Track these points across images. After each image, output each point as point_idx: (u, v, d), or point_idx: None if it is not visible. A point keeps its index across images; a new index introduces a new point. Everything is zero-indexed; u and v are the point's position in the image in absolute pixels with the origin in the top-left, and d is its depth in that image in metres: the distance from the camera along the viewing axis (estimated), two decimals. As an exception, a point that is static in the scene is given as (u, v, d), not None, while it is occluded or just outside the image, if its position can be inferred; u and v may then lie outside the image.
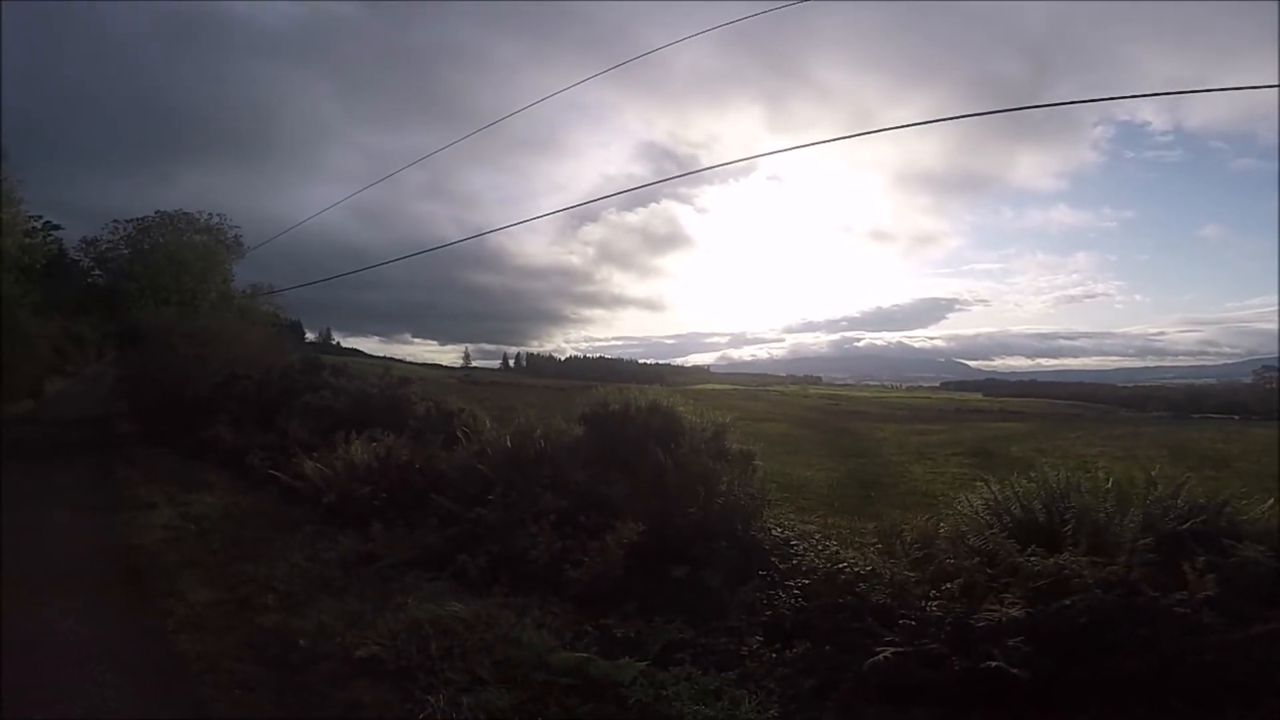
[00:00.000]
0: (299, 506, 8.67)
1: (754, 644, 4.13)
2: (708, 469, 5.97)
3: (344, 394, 13.96)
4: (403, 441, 9.47)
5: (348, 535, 7.06)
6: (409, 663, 4.14)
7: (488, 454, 7.48)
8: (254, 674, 4.19)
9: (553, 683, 3.87)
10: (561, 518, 6.20)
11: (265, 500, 9.49)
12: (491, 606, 4.91)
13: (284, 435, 12.35)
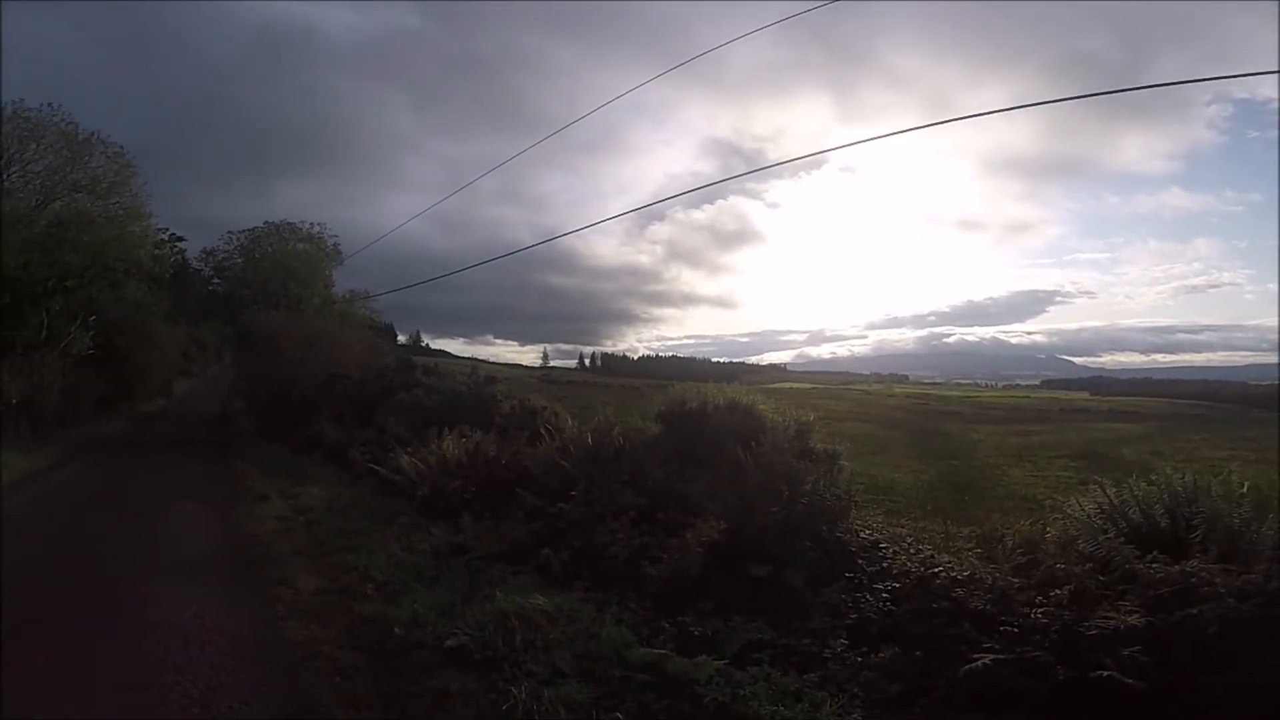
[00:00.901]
0: (396, 499, 9.16)
1: (838, 647, 4.01)
2: (791, 468, 5.83)
3: (435, 392, 14.62)
4: (490, 438, 9.83)
5: (440, 527, 7.36)
6: (494, 653, 4.24)
7: (570, 451, 7.63)
8: (353, 662, 4.39)
9: (630, 678, 3.88)
10: (640, 515, 6.24)
11: (365, 493, 10.10)
12: (573, 600, 5.00)
13: (382, 431, 13.10)
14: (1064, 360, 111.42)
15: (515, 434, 10.11)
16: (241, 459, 14.99)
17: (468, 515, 7.37)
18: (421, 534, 7.29)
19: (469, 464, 8.84)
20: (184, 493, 10.64)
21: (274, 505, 9.34)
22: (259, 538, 7.71)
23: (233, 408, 29.16)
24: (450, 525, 7.32)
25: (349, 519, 8.41)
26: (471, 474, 8.52)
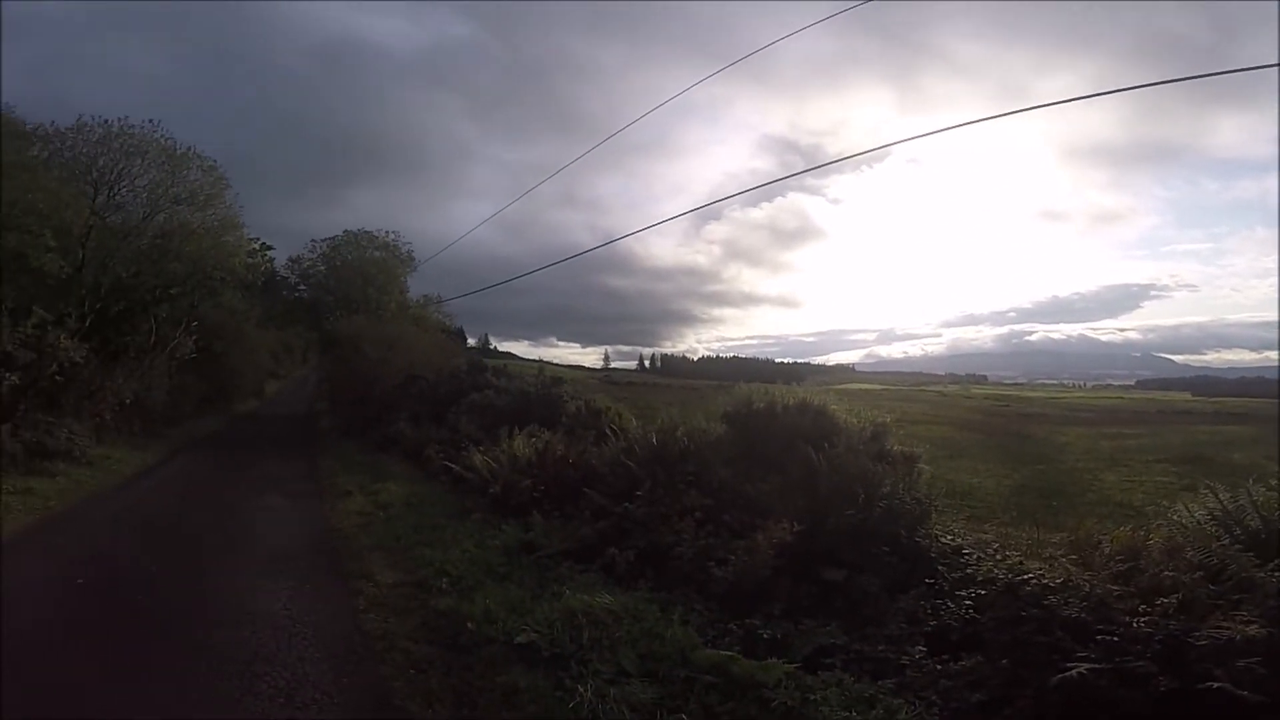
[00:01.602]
0: (469, 496, 9.40)
1: (916, 654, 3.91)
2: (867, 471, 5.64)
3: (505, 393, 14.98)
4: (558, 438, 9.99)
5: (510, 524, 7.54)
6: (561, 651, 4.31)
7: (635, 451, 7.66)
8: (427, 655, 4.52)
9: (694, 679, 3.85)
10: (706, 515, 6.20)
11: (440, 490, 10.43)
12: (638, 600, 5.01)
13: (455, 430, 13.53)
14: (1162, 359, 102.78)
15: (581, 434, 10.23)
16: (326, 456, 15.85)
17: (537, 513, 7.51)
18: (493, 531, 7.47)
19: (538, 463, 9.00)
20: (275, 488, 11.27)
21: (356, 501, 9.75)
22: (342, 531, 8.05)
23: (318, 407, 30.90)
24: (520, 523, 7.48)
25: (425, 515, 8.69)
26: (540, 473, 8.67)
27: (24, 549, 6.73)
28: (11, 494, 8.70)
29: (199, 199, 17.04)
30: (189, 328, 18.70)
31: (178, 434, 18.14)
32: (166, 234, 16.54)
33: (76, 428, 12.18)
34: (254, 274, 21.33)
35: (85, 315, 13.98)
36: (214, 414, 23.35)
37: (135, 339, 16.29)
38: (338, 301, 28.64)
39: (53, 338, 11.66)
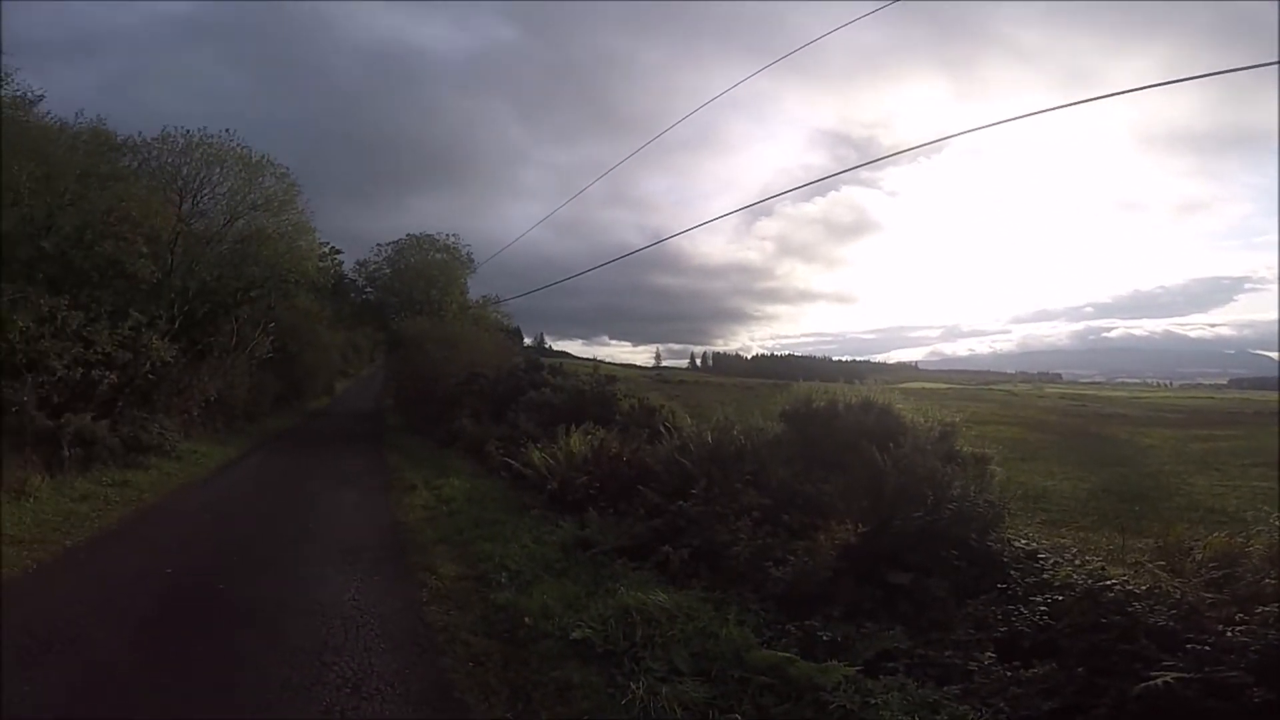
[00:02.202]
0: (527, 492, 9.59)
1: (985, 660, 3.77)
2: (935, 472, 5.43)
3: (561, 391, 15.19)
4: (612, 435, 10.06)
5: (567, 521, 7.62)
6: (615, 648, 4.32)
7: (689, 449, 7.62)
8: (486, 648, 4.61)
9: (749, 680, 3.79)
10: (764, 515, 6.11)
11: (500, 485, 10.67)
12: (691, 599, 4.97)
13: (514, 427, 13.81)
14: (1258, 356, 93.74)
15: (635, 432, 10.27)
16: (393, 451, 16.44)
17: (593, 510, 7.57)
18: (550, 527, 7.57)
19: (593, 460, 9.09)
20: (345, 482, 11.79)
21: (420, 495, 10.08)
22: (408, 525, 8.32)
23: (384, 404, 32.18)
24: (576, 519, 7.56)
25: (486, 509, 8.89)
26: (596, 470, 8.75)
27: (122, 539, 7.27)
28: (110, 486, 9.43)
29: (274, 205, 17.85)
30: (266, 329, 19.74)
31: (257, 429, 19.23)
32: (245, 239, 17.40)
33: (167, 423, 13.06)
34: (325, 277, 22.27)
35: (174, 317, 14.88)
36: (289, 411, 24.64)
37: (218, 339, 17.26)
38: (402, 303, 29.71)
39: (146, 339, 12.53)
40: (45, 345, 10.32)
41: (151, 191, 14.68)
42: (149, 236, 13.28)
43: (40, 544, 6.58)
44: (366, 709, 3.71)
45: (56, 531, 7.10)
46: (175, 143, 16.16)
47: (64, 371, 10.68)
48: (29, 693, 3.66)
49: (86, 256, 12.15)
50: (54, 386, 10.68)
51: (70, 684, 3.82)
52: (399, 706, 3.78)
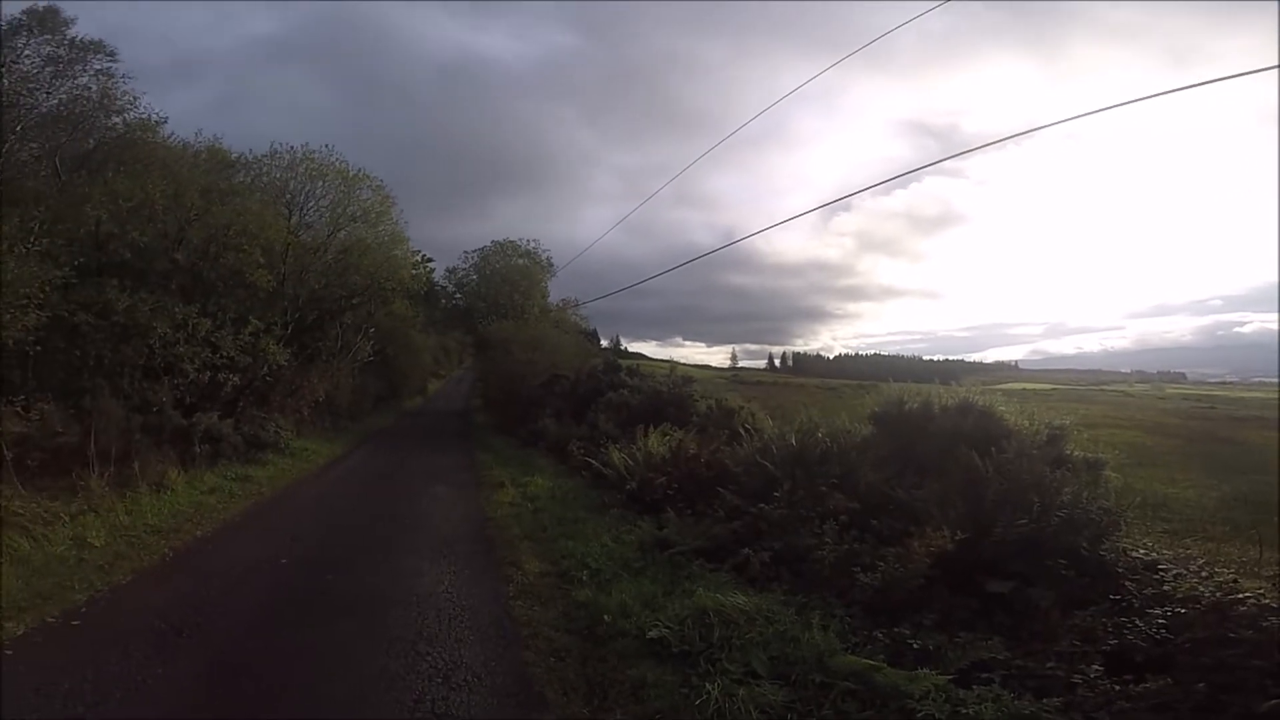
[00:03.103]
0: (607, 491, 9.69)
1: (1091, 673, 3.57)
2: (1042, 477, 5.11)
3: (639, 392, 15.31)
4: (690, 436, 10.01)
5: (645, 520, 7.65)
6: (691, 648, 4.29)
7: (771, 451, 7.46)
8: (566, 644, 4.70)
9: (831, 685, 3.69)
10: (852, 520, 5.92)
11: (580, 484, 10.87)
12: (772, 602, 4.88)
13: (594, 427, 14.05)
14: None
15: (714, 433, 10.17)
16: (481, 449, 17.12)
17: (671, 510, 7.56)
18: (629, 526, 7.63)
19: (672, 461, 9.08)
20: (439, 478, 12.35)
21: (508, 492, 10.43)
22: (496, 521, 8.62)
23: (472, 404, 33.61)
24: (654, 519, 7.57)
25: (568, 508, 9.09)
26: (674, 471, 8.74)
27: (243, 531, 7.88)
28: (234, 480, 10.33)
29: (371, 216, 18.99)
30: (367, 334, 21.06)
31: (359, 428, 20.51)
32: (347, 249, 18.59)
33: (282, 422, 14.18)
34: (418, 284, 23.49)
35: (287, 324, 16.11)
36: (387, 410, 26.15)
37: (325, 344, 18.59)
38: (488, 307, 30.95)
39: (264, 344, 13.68)
40: (180, 350, 11.47)
41: (264, 205, 15.75)
42: (265, 248, 14.43)
43: (176, 533, 7.28)
44: (455, 699, 3.84)
45: (189, 522, 7.82)
46: (282, 159, 17.27)
47: (195, 374, 11.83)
48: (162, 675, 3.97)
49: (212, 267, 13.36)
50: (186, 388, 11.85)
51: (196, 670, 4.12)
52: (484, 697, 3.89)
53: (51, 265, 8.57)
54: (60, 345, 9.62)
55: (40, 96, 11.95)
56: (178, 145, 15.24)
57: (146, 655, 4.23)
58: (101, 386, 9.98)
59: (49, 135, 12.52)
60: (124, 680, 3.87)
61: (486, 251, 32.27)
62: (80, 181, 11.71)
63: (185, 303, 12.06)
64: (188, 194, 13.02)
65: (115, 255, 11.58)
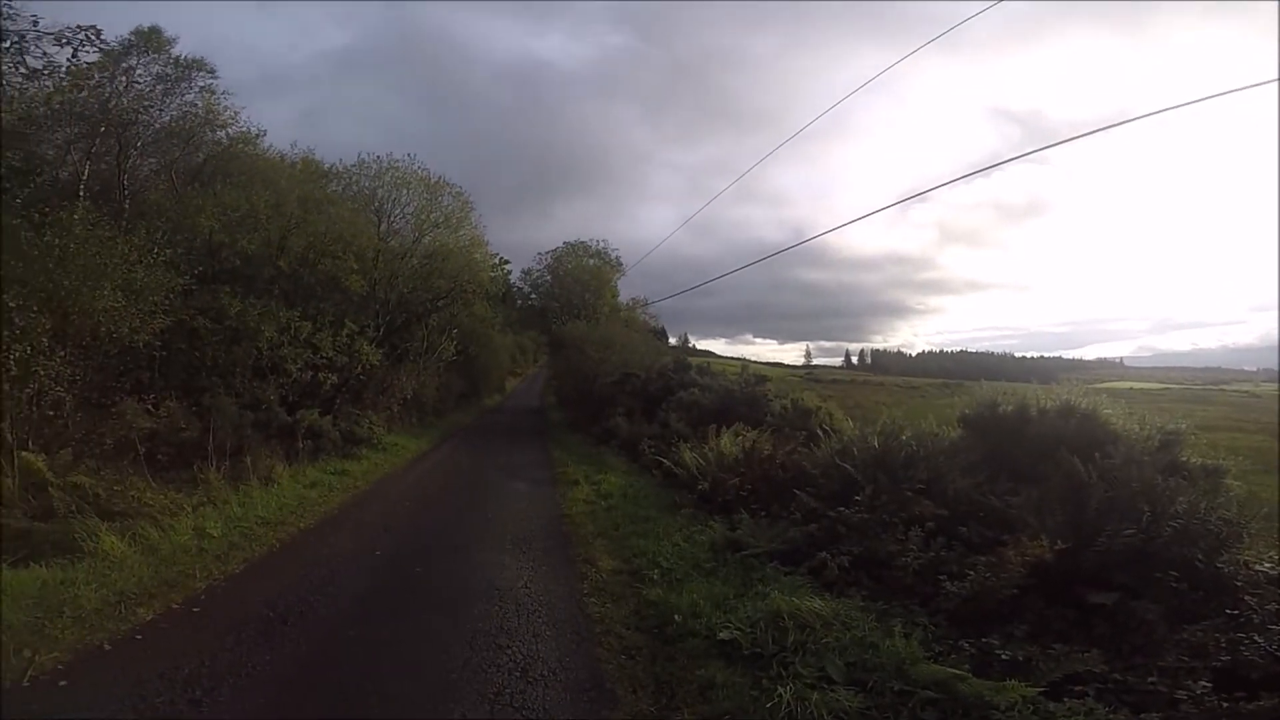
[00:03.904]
0: (678, 491, 9.71)
1: (1198, 689, 3.43)
2: (1153, 485, 4.75)
3: (710, 391, 15.21)
4: (765, 437, 9.86)
5: (717, 521, 7.62)
6: (763, 651, 4.26)
7: (852, 453, 7.23)
8: (636, 642, 4.76)
9: (910, 694, 3.61)
10: (939, 527, 5.71)
11: (652, 483, 10.94)
12: (850, 608, 4.78)
13: (665, 426, 14.08)
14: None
15: (789, 434, 9.97)
16: (556, 446, 17.47)
17: (744, 512, 7.48)
18: (700, 526, 7.62)
19: (745, 462, 8.97)
20: (518, 474, 12.75)
21: (582, 489, 10.62)
22: (571, 518, 8.79)
23: (547, 402, 34.47)
24: (727, 520, 7.53)
25: (639, 506, 9.16)
26: (747, 471, 8.63)
27: (341, 523, 8.35)
28: (333, 474, 10.98)
29: (452, 222, 19.69)
30: (451, 334, 21.96)
31: (443, 424, 21.42)
32: (431, 254, 19.39)
33: (374, 418, 15.02)
34: (496, 285, 24.27)
35: (379, 326, 17.03)
36: (469, 407, 27.19)
37: (412, 344, 19.49)
38: (562, 307, 31.63)
39: (358, 345, 14.55)
40: (284, 351, 12.38)
41: (355, 213, 16.64)
42: (357, 255, 15.34)
43: (282, 525, 7.82)
44: (531, 693, 3.96)
45: (294, 515, 8.37)
46: (369, 168, 18.03)
47: (298, 373, 12.73)
48: (269, 661, 4.27)
49: (311, 273, 14.33)
50: (290, 386, 12.77)
51: (298, 656, 4.40)
52: (558, 692, 4.00)
53: (174, 273, 9.41)
54: (181, 347, 10.58)
55: (154, 114, 13.12)
56: (275, 157, 16.30)
57: (256, 642, 4.55)
58: (217, 385, 10.91)
59: (164, 150, 13.75)
60: (236, 667, 4.17)
61: (559, 252, 33.04)
62: (194, 194, 12.79)
63: (288, 307, 12.99)
64: (287, 204, 13.95)
65: (226, 263, 12.62)
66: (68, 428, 7.69)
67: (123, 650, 4.39)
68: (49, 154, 11.79)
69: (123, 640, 4.54)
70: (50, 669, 4.03)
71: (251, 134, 15.37)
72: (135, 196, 12.55)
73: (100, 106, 11.75)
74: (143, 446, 8.23)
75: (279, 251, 13.69)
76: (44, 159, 11.49)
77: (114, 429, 8.26)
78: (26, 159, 10.35)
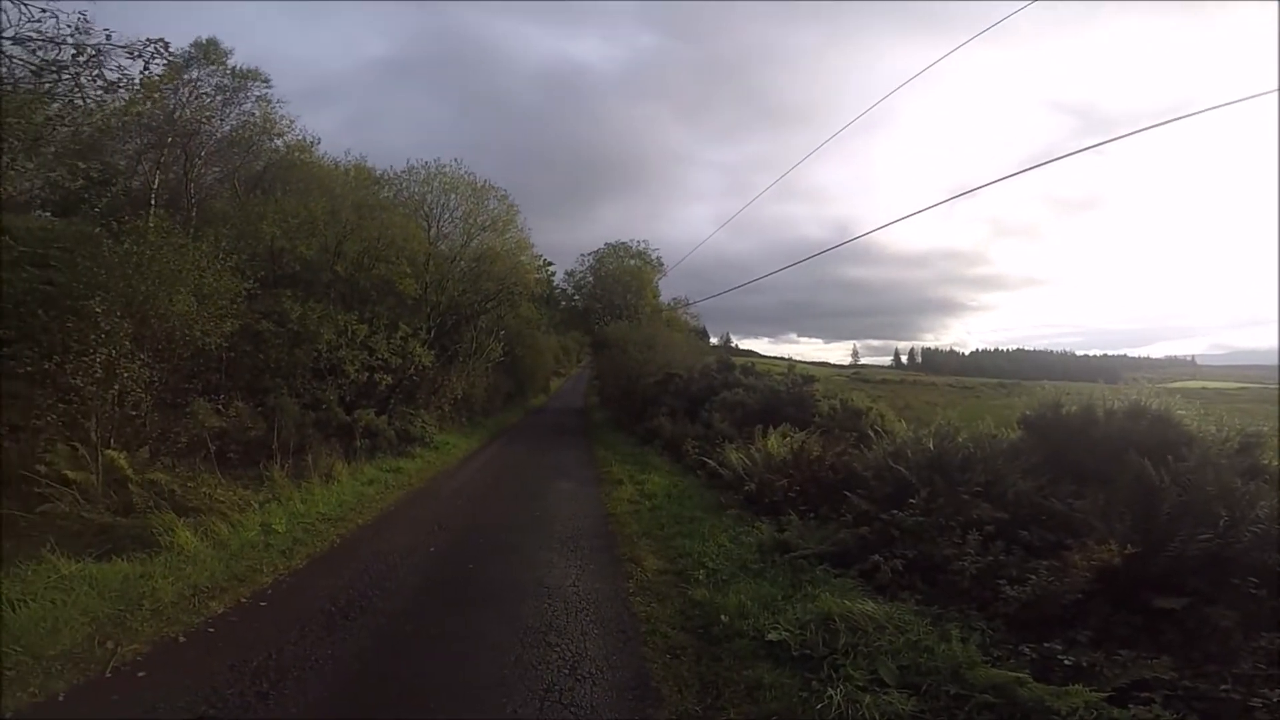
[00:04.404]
0: (724, 491, 9.68)
1: (1275, 697, 3.37)
2: (1231, 489, 4.53)
3: (755, 391, 15.08)
4: (814, 438, 9.72)
5: (764, 522, 7.57)
6: (813, 652, 4.23)
7: (906, 455, 7.06)
8: (682, 642, 4.77)
9: (967, 698, 3.56)
10: (998, 530, 5.58)
11: (696, 483, 10.93)
12: (904, 611, 4.70)
13: (708, 427, 14.03)
14: None
15: (839, 435, 9.81)
16: (600, 446, 17.63)
17: (793, 513, 7.41)
18: (747, 527, 7.58)
19: (793, 463, 8.87)
20: (564, 473, 12.91)
21: (626, 489, 10.70)
22: (616, 517, 8.85)
23: (590, 402, 34.78)
24: (774, 521, 7.47)
25: (684, 506, 9.16)
26: (796, 473, 8.53)
27: (397, 519, 8.61)
28: (389, 472, 11.35)
29: (498, 225, 20.08)
30: (498, 335, 22.39)
31: (492, 423, 21.84)
32: (479, 257, 19.81)
33: (427, 418, 15.43)
34: (541, 287, 24.62)
35: (430, 328, 17.48)
36: (515, 407, 27.68)
37: (462, 346, 19.95)
38: (604, 308, 31.88)
39: (411, 346, 14.99)
40: (342, 353, 12.86)
41: (406, 218, 17.07)
42: (409, 259, 15.79)
43: (342, 521, 8.13)
44: (579, 690, 4.04)
45: (353, 511, 8.68)
46: (418, 174, 18.53)
47: (355, 374, 13.21)
48: (329, 656, 4.44)
49: (366, 277, 14.83)
50: (348, 387, 13.25)
51: (358, 649, 4.57)
52: (605, 690, 4.06)
53: (240, 278, 9.89)
54: (247, 349, 11.09)
55: (216, 123, 13.80)
56: (330, 164, 16.93)
57: (319, 635, 4.76)
58: (280, 386, 11.42)
59: (226, 159, 14.45)
60: (300, 659, 4.35)
61: (601, 253, 33.31)
62: (256, 201, 13.40)
63: (345, 310, 13.49)
64: (342, 210, 14.47)
65: (287, 268, 13.19)
66: (145, 427, 8.14)
67: (196, 642, 4.62)
68: (121, 164, 12.56)
69: (196, 633, 4.77)
70: (130, 660, 4.27)
71: (307, 142, 16.02)
72: (201, 204, 13.24)
73: (166, 117, 12.45)
74: (213, 445, 8.68)
75: (335, 256, 14.21)
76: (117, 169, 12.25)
77: (187, 428, 8.73)
78: (103, 170, 11.04)
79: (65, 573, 5.25)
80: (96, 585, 5.18)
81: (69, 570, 5.30)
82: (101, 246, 7.99)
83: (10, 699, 3.72)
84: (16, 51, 4.73)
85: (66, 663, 4.17)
